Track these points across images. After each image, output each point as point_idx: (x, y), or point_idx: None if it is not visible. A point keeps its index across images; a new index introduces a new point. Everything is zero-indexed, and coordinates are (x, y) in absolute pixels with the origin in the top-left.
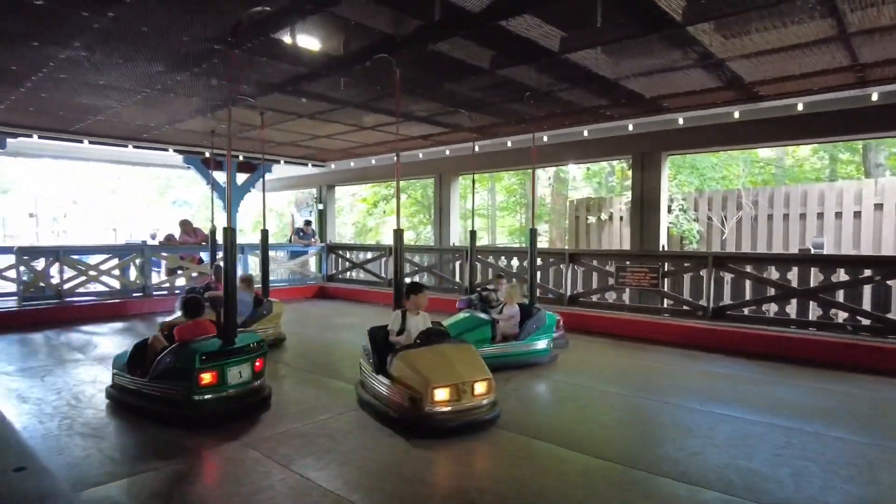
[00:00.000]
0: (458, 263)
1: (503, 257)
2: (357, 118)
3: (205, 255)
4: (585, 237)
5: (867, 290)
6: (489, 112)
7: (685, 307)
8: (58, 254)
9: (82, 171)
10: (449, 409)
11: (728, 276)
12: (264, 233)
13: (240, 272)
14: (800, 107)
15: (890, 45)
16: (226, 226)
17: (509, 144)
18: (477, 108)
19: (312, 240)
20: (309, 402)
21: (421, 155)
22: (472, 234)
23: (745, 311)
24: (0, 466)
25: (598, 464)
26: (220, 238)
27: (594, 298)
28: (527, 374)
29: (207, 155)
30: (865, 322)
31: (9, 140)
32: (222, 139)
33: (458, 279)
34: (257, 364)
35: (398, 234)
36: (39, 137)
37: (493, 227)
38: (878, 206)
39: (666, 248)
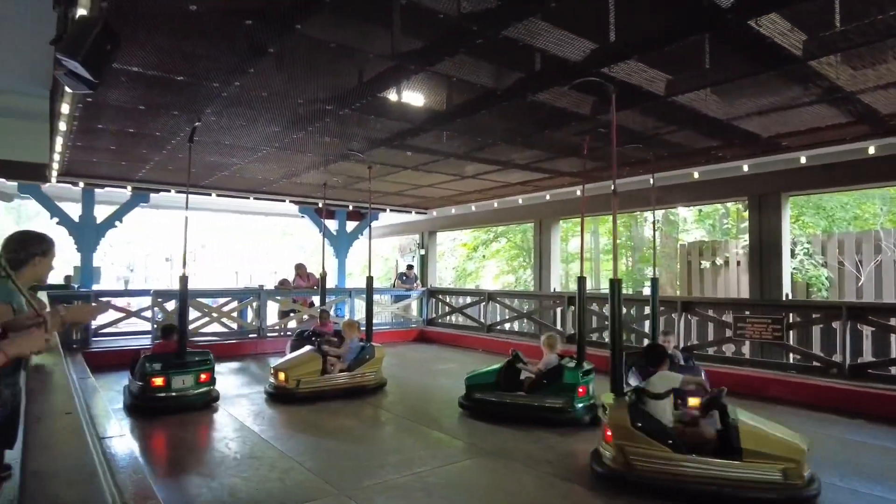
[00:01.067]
0: (559, 310)
1: (608, 304)
2: (458, 168)
3: (316, 299)
4: (699, 283)
5: None
6: (591, 157)
7: (815, 363)
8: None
9: (211, 220)
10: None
11: (868, 329)
12: (369, 280)
13: (346, 317)
14: None
15: None
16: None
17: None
18: (578, 153)
19: (415, 284)
20: (407, 453)
21: (520, 200)
22: (581, 280)
23: (893, 370)
24: None
25: None
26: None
27: (710, 351)
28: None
29: (320, 205)
30: None
31: (151, 195)
32: (333, 190)
33: (559, 326)
34: (203, 376)
35: (615, 283)
36: (176, 192)
37: (598, 271)
38: None
39: (790, 297)
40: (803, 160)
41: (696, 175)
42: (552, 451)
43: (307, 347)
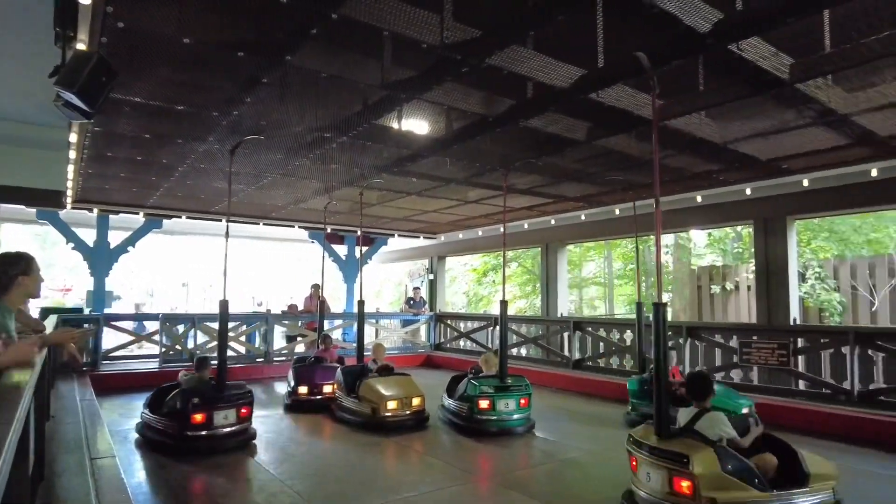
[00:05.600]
0: (566, 335)
1: (615, 330)
2: (462, 193)
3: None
4: (709, 308)
5: None
6: (592, 181)
7: (824, 389)
8: (194, 321)
9: (228, 247)
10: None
11: (879, 355)
12: (360, 304)
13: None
14: None
15: None
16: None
17: (617, 212)
18: (579, 178)
19: (423, 308)
20: (399, 477)
21: (526, 225)
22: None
23: None
24: None
25: None
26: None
27: (718, 377)
28: None
29: (329, 230)
30: None
31: (164, 221)
32: (342, 216)
33: (565, 352)
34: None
35: (660, 307)
36: (187, 218)
37: (611, 297)
38: None
39: (798, 321)
40: (806, 183)
41: (699, 199)
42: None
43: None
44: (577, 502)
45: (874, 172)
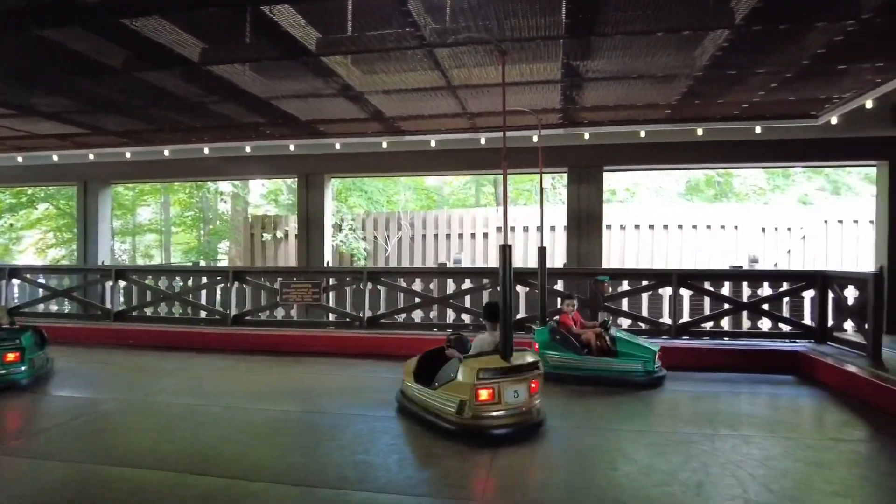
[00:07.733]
0: (108, 284)
1: (163, 277)
2: None
3: None
4: (262, 255)
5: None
6: (137, 117)
7: (347, 319)
8: None
9: None
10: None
11: (383, 289)
12: None
13: None
14: (433, 143)
15: (485, 99)
16: None
17: (167, 154)
18: (121, 111)
19: None
20: None
21: (56, 157)
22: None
23: (399, 318)
24: None
25: (208, 483)
26: None
27: (262, 316)
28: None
29: None
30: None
31: None
32: None
33: (107, 304)
34: None
35: (506, 249)
36: None
37: (168, 244)
38: (499, 229)
39: (330, 265)
40: (338, 147)
41: (248, 150)
42: None
43: None
44: (108, 453)
45: (384, 145)
